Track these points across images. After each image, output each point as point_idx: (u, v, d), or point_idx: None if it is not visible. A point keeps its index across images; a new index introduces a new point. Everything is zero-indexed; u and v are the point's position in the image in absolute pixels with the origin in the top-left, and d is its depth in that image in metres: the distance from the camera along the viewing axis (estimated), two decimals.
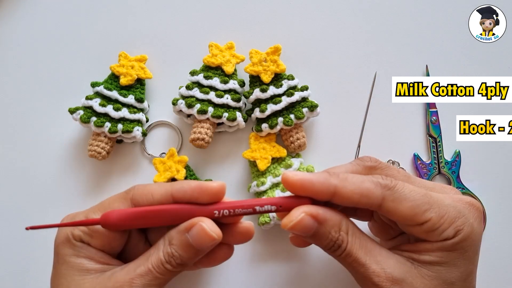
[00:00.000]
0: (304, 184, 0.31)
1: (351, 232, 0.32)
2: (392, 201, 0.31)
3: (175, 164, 0.44)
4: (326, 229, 0.31)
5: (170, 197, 0.32)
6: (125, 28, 0.49)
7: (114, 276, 0.31)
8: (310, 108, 0.44)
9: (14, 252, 0.47)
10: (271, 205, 0.32)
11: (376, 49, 0.48)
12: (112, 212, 0.32)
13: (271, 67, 0.45)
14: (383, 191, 0.31)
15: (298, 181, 0.31)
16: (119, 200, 0.33)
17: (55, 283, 0.33)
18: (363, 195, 0.31)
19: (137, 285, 0.31)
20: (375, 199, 0.31)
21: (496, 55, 0.48)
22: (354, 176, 0.32)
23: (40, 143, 0.48)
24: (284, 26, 0.49)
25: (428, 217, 0.31)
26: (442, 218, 0.31)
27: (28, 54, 0.50)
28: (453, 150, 0.47)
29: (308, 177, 0.31)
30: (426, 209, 0.31)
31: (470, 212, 0.32)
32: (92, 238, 0.32)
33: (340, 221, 0.32)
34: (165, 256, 0.32)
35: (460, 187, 0.46)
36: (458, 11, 0.49)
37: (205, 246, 0.32)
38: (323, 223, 0.31)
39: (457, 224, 0.31)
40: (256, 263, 0.46)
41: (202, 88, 0.45)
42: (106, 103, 0.45)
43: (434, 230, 0.31)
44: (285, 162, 0.45)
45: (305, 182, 0.31)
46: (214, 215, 0.32)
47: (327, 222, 0.31)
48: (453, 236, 0.31)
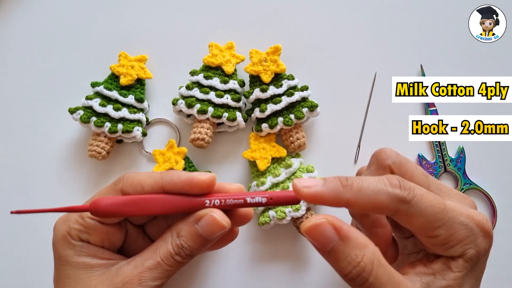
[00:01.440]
0: (315, 198, 0.29)
1: (377, 263, 0.28)
2: (405, 215, 0.29)
3: (174, 155, 0.45)
4: (346, 248, 0.28)
5: (160, 189, 0.32)
6: (125, 28, 0.49)
7: (122, 271, 0.31)
8: (310, 108, 0.44)
9: (14, 252, 0.47)
10: (262, 197, 0.32)
11: (376, 49, 0.48)
12: (102, 198, 0.31)
13: (271, 67, 0.45)
14: (399, 205, 0.29)
15: (307, 195, 0.29)
16: (109, 193, 0.33)
17: (60, 284, 0.32)
18: (376, 208, 0.29)
19: (146, 279, 0.31)
20: (389, 211, 0.29)
21: (496, 55, 0.48)
22: (370, 185, 0.29)
23: (40, 143, 0.48)
24: (284, 26, 0.49)
25: (437, 234, 0.29)
26: (452, 235, 0.29)
27: (28, 54, 0.50)
28: (456, 147, 0.47)
29: (319, 191, 0.29)
30: (438, 226, 0.29)
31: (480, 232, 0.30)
32: (90, 235, 0.32)
33: (365, 245, 0.28)
34: (174, 248, 0.32)
35: (467, 182, 0.46)
36: (458, 11, 0.49)
37: (215, 236, 0.32)
38: (345, 240, 0.28)
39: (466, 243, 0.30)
40: (256, 263, 0.46)
41: (202, 88, 0.44)
42: (106, 103, 0.45)
43: (441, 245, 0.30)
44: (285, 162, 0.45)
45: (316, 196, 0.29)
46: (205, 205, 0.32)
47: (350, 240, 0.28)
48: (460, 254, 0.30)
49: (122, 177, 0.33)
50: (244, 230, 0.46)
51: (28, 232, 0.47)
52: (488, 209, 0.47)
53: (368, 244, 0.28)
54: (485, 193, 0.46)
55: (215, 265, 0.46)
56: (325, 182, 0.29)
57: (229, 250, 0.46)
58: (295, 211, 0.42)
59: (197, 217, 0.31)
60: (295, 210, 0.42)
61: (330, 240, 0.28)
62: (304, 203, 0.42)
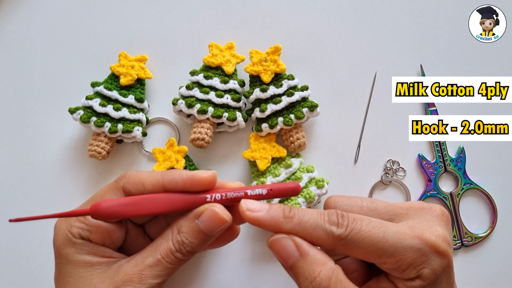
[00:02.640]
0: (256, 223, 0.30)
1: (335, 279, 0.29)
2: (344, 248, 0.30)
3: (175, 154, 0.45)
4: (305, 264, 0.29)
5: (161, 187, 0.32)
6: (125, 28, 0.49)
7: (122, 269, 0.31)
8: (310, 108, 0.44)
9: (14, 252, 0.47)
10: (262, 188, 0.32)
11: (376, 49, 0.48)
12: (102, 201, 0.31)
13: (271, 67, 0.45)
14: (335, 241, 0.29)
15: (249, 218, 0.30)
16: (111, 191, 0.33)
17: (61, 282, 0.32)
18: (314, 242, 0.30)
19: (147, 276, 0.31)
20: (326, 246, 0.30)
21: (496, 55, 0.48)
22: (310, 219, 0.30)
23: (40, 143, 0.48)
24: (284, 26, 0.49)
25: (382, 261, 0.30)
26: (399, 261, 0.29)
27: (28, 54, 0.50)
28: (456, 147, 0.47)
29: (261, 218, 0.30)
30: (380, 254, 0.29)
31: (431, 252, 0.30)
32: (91, 233, 0.32)
33: (323, 262, 0.29)
34: (175, 245, 0.32)
35: (468, 182, 0.46)
36: (458, 11, 0.49)
37: (216, 231, 0.32)
38: (304, 256, 0.29)
39: (416, 264, 0.29)
40: (256, 263, 0.46)
41: (202, 88, 0.44)
42: (106, 103, 0.45)
43: (393, 269, 0.30)
44: (285, 162, 0.45)
45: (257, 222, 0.30)
46: (206, 200, 0.32)
47: (308, 256, 0.29)
48: (414, 276, 0.29)
49: (124, 175, 0.34)
50: (244, 230, 0.46)
51: (28, 232, 0.47)
52: (488, 209, 0.47)
53: (327, 261, 0.30)
54: (485, 193, 0.46)
55: (215, 264, 0.46)
56: (269, 209, 0.30)
57: (229, 250, 0.46)
58: None
59: (198, 213, 0.32)
60: None
61: (291, 255, 0.30)
62: (304, 202, 0.42)
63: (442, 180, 0.47)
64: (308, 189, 0.43)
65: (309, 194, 0.42)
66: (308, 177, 0.44)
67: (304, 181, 0.43)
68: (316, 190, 0.43)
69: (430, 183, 0.47)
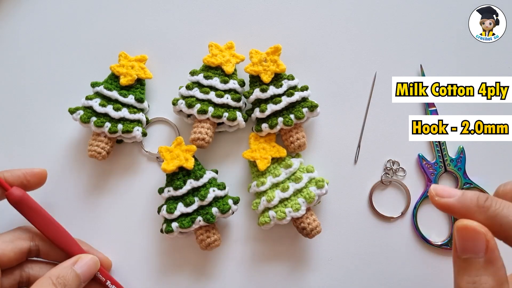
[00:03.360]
0: (444, 209, 0.29)
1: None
2: None
3: (183, 152, 0.44)
4: (482, 271, 0.27)
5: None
6: (125, 28, 0.49)
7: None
8: (310, 108, 0.44)
9: None
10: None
11: (376, 49, 0.48)
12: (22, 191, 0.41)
13: (271, 67, 0.45)
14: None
15: (438, 204, 0.29)
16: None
17: None
18: (508, 240, 0.27)
19: None
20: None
21: (496, 55, 0.48)
22: (510, 215, 0.27)
23: (40, 143, 0.48)
24: (284, 26, 0.49)
25: None
26: None
27: (28, 54, 0.50)
28: (456, 147, 0.47)
29: (450, 204, 0.28)
30: None
31: None
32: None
33: (501, 284, 0.27)
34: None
35: (468, 182, 0.46)
36: (458, 11, 0.49)
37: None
38: (488, 263, 0.27)
39: None
40: (256, 263, 0.46)
41: (202, 88, 0.44)
42: (106, 103, 0.45)
43: None
44: (285, 162, 0.45)
45: (446, 208, 0.29)
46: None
47: (491, 267, 0.27)
48: None
49: None
50: (244, 230, 0.46)
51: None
52: None
53: (503, 284, 0.26)
54: (486, 193, 0.46)
55: (215, 265, 0.46)
56: (461, 196, 0.28)
57: (229, 250, 0.46)
58: (295, 211, 0.42)
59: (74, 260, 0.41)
60: (295, 210, 0.42)
61: (474, 252, 0.26)
62: (303, 203, 0.42)
63: (442, 180, 0.47)
64: (308, 189, 0.43)
65: (309, 194, 0.42)
66: (308, 177, 0.43)
67: (304, 181, 0.43)
68: (316, 190, 0.43)
69: (430, 183, 0.47)
